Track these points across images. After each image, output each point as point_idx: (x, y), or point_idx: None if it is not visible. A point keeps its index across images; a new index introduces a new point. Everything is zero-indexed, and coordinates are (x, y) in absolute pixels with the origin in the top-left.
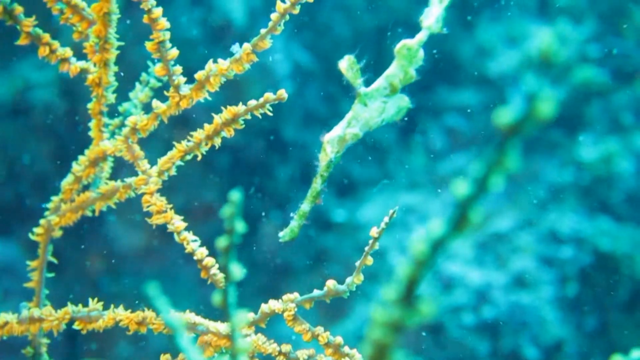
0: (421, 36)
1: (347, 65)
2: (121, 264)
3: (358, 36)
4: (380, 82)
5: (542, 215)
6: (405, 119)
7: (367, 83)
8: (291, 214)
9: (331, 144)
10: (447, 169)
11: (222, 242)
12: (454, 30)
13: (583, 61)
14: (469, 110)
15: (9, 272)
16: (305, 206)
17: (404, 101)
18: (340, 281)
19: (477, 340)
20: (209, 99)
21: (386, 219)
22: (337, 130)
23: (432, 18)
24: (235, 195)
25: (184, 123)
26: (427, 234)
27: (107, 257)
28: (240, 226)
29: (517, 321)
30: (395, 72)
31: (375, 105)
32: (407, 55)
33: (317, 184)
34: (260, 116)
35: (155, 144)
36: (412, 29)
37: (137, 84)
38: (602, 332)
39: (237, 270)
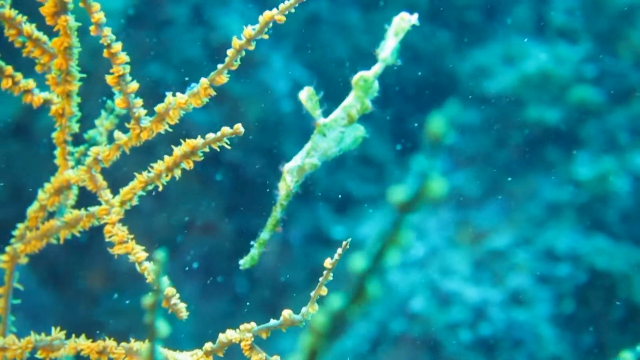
0: (377, 68)
1: (306, 96)
2: (121, 280)
3: (356, 55)
4: (338, 113)
5: (539, 233)
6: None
7: (326, 113)
8: (251, 242)
9: (291, 174)
10: (446, 187)
11: (147, 299)
12: (451, 49)
13: (579, 81)
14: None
15: (16, 290)
16: (264, 234)
17: (359, 131)
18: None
19: (474, 357)
20: (170, 130)
21: (340, 251)
22: (297, 160)
23: (387, 50)
24: (160, 254)
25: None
26: (327, 307)
27: (107, 273)
28: (165, 284)
29: (513, 338)
30: (353, 102)
31: (333, 135)
32: (364, 86)
33: (276, 212)
34: (218, 149)
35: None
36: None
37: (102, 111)
38: (598, 349)
39: (163, 328)
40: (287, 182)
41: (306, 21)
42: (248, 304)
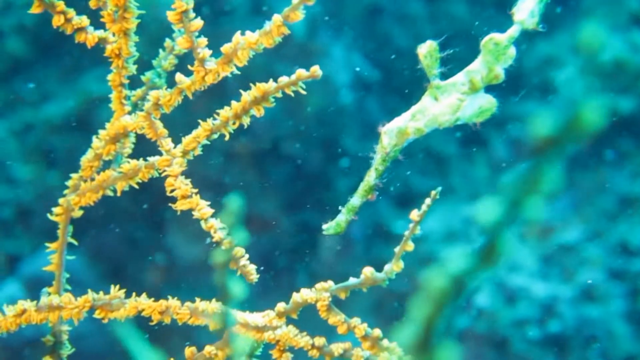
0: (512, 31)
1: (426, 51)
2: (181, 275)
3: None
4: (458, 77)
5: (611, 227)
6: (480, 126)
7: (445, 77)
8: (339, 207)
9: (389, 136)
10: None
11: (217, 257)
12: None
13: None
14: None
15: (75, 284)
16: (355, 200)
17: (488, 102)
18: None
19: (543, 355)
20: (238, 73)
21: (428, 201)
22: (398, 121)
23: (525, 11)
24: (235, 201)
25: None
26: (449, 267)
27: (166, 268)
28: (242, 236)
29: (585, 335)
30: (478, 68)
31: (449, 101)
32: (494, 50)
33: (370, 177)
34: (292, 94)
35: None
36: (474, 41)
37: (160, 50)
38: None
39: (237, 289)
40: (384, 144)
41: (367, 10)
42: None
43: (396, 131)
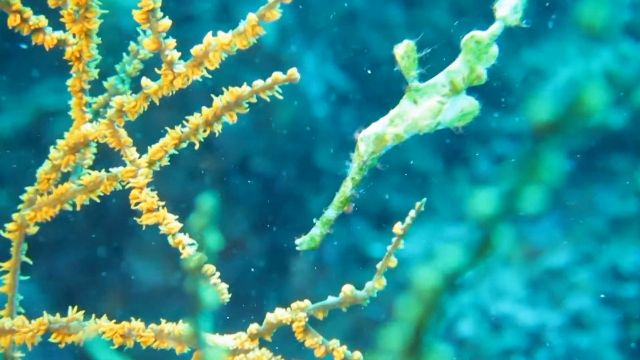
0: (494, 29)
1: (403, 51)
2: (140, 302)
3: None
4: (438, 78)
5: (602, 250)
6: (462, 131)
7: (424, 79)
8: (314, 220)
9: (366, 142)
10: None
11: (191, 260)
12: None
13: None
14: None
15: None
16: (330, 212)
17: (471, 104)
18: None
19: None
20: (209, 77)
21: (412, 213)
22: (376, 127)
23: (507, 7)
24: (208, 200)
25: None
26: (440, 263)
27: (125, 294)
28: (216, 239)
29: None
30: (459, 68)
31: (429, 104)
32: (475, 49)
33: (346, 187)
34: (268, 99)
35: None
36: (454, 39)
37: (124, 55)
38: None
39: (211, 298)
40: (361, 151)
41: (342, 17)
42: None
43: (374, 137)
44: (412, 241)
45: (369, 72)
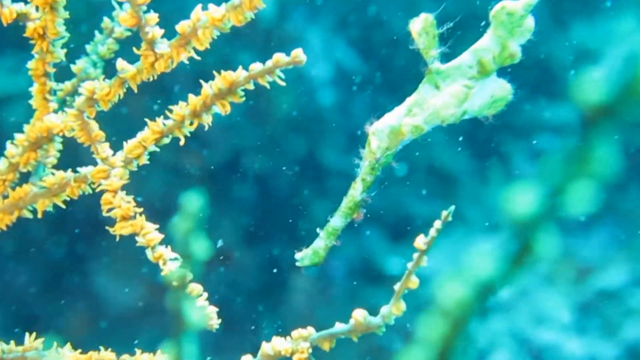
0: None
1: (420, 27)
2: (110, 325)
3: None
4: (464, 58)
5: None
6: (493, 120)
7: (446, 59)
8: (317, 230)
9: (379, 137)
10: None
11: (173, 274)
12: (544, 29)
13: None
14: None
15: None
16: (336, 220)
17: (502, 89)
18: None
19: None
20: (197, 58)
21: (437, 224)
22: (391, 118)
23: None
24: (191, 202)
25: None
26: (472, 273)
27: (91, 316)
28: (201, 247)
29: None
30: (488, 45)
31: (453, 89)
32: (507, 23)
33: (355, 191)
34: (267, 85)
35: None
36: (482, 11)
37: (97, 33)
38: None
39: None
40: (373, 148)
41: None
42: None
43: (388, 131)
44: (436, 254)
45: (386, 50)
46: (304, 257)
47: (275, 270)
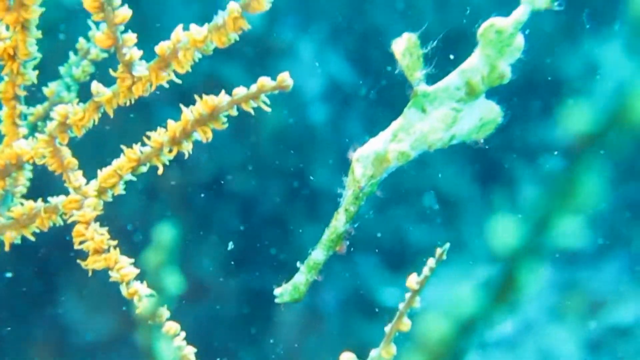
0: (519, 14)
1: (404, 48)
2: (79, 357)
3: (421, 41)
4: (451, 79)
5: None
6: (483, 144)
7: (432, 80)
8: (297, 264)
9: (363, 164)
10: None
11: (144, 308)
12: (554, 39)
13: None
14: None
15: None
16: (318, 254)
17: (491, 111)
18: None
19: None
20: (178, 82)
21: (431, 262)
22: (375, 144)
23: None
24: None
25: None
26: (453, 308)
27: (59, 350)
28: (176, 280)
29: None
30: (477, 65)
31: (440, 112)
32: (496, 41)
33: (338, 222)
34: (252, 111)
35: None
36: (468, 29)
37: (71, 54)
38: None
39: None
40: (357, 176)
41: None
42: None
43: (373, 157)
44: (434, 286)
45: (383, 65)
46: (283, 292)
47: (257, 302)
